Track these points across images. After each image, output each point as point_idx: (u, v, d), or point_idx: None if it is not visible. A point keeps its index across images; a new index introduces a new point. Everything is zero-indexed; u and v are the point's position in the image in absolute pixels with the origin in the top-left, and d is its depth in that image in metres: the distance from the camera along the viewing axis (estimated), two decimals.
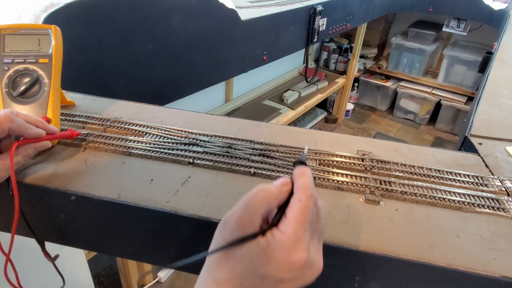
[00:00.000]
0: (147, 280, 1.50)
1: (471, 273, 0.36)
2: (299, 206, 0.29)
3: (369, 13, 2.20)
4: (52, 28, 0.50)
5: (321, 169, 0.48)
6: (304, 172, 0.31)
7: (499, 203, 0.45)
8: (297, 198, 0.29)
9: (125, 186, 0.43)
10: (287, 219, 0.28)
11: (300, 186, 0.30)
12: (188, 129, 0.55)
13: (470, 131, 0.63)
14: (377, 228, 0.40)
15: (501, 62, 1.03)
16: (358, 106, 3.16)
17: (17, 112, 0.41)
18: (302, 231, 0.28)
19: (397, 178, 0.48)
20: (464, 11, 2.29)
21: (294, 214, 0.28)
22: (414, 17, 2.89)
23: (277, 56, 1.53)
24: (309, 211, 0.29)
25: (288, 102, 2.20)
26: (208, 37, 1.13)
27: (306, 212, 0.28)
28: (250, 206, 0.29)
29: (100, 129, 0.54)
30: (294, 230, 0.27)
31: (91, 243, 0.48)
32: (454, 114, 2.75)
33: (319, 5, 1.61)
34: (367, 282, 0.39)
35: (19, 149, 0.42)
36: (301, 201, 0.29)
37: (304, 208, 0.29)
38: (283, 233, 0.27)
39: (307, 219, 0.28)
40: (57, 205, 0.44)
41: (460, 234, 0.40)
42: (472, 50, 2.60)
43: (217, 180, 0.46)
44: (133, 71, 0.96)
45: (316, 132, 0.59)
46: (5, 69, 0.48)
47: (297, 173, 0.31)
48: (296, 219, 0.28)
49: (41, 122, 0.44)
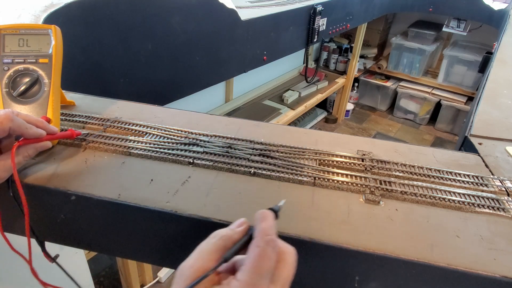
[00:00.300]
0: (147, 280, 1.50)
1: (471, 273, 0.36)
2: (256, 252, 0.28)
3: (369, 13, 2.20)
4: (52, 28, 0.50)
5: (321, 169, 0.48)
6: (265, 217, 0.31)
7: (499, 203, 0.45)
8: (255, 244, 0.29)
9: (125, 186, 0.43)
10: (244, 266, 0.28)
11: (259, 231, 0.30)
12: (188, 129, 0.55)
13: (470, 131, 0.63)
14: (377, 228, 0.40)
15: (501, 62, 1.03)
16: (358, 106, 3.16)
17: (18, 112, 0.41)
18: (257, 278, 0.27)
19: (397, 178, 0.48)
20: (464, 11, 2.29)
21: (251, 261, 0.28)
22: (414, 17, 2.89)
23: (277, 56, 1.53)
24: (267, 257, 0.28)
25: (288, 102, 2.20)
26: (208, 37, 1.13)
27: (264, 259, 0.28)
28: (203, 253, 0.28)
29: (100, 129, 0.53)
30: (249, 278, 0.27)
31: (91, 243, 0.48)
32: (454, 114, 2.75)
33: (319, 5, 1.61)
34: (367, 282, 0.39)
35: (19, 150, 0.42)
36: (259, 247, 0.28)
37: (261, 254, 0.28)
38: (238, 281, 0.27)
39: (264, 266, 0.28)
40: (57, 205, 0.44)
41: (460, 234, 0.40)
42: (472, 50, 2.60)
43: (217, 180, 0.46)
44: (133, 71, 0.96)
45: (316, 132, 0.59)
46: (5, 69, 0.48)
47: (258, 217, 0.31)
48: (252, 266, 0.27)
49: (41, 122, 0.44)
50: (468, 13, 2.28)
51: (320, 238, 0.38)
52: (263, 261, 0.28)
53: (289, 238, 0.38)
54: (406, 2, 2.47)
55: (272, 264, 0.28)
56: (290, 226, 0.39)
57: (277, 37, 1.45)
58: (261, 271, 0.27)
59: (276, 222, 0.32)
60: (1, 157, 0.41)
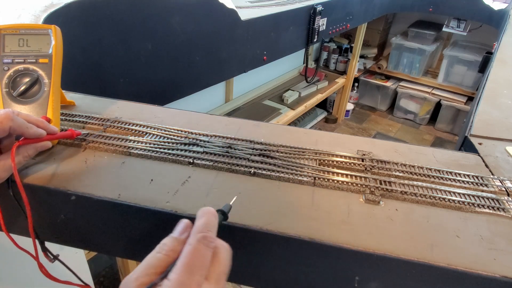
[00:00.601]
0: None
1: (471, 273, 0.36)
2: (187, 250, 0.28)
3: (369, 13, 2.20)
4: (52, 28, 0.50)
5: (321, 169, 0.48)
6: (204, 214, 0.31)
7: (499, 203, 0.45)
8: (187, 243, 0.29)
9: (125, 186, 0.43)
10: (175, 265, 0.28)
11: (194, 229, 0.30)
12: (188, 129, 0.55)
13: (470, 131, 0.63)
14: (377, 228, 0.40)
15: (501, 62, 1.03)
16: (358, 106, 3.16)
17: (18, 112, 0.41)
18: (187, 276, 0.27)
19: (397, 178, 0.48)
20: (464, 11, 2.29)
21: (181, 259, 0.28)
22: (414, 17, 2.89)
23: (277, 56, 1.53)
24: (199, 254, 0.28)
25: (288, 102, 2.20)
26: (208, 37, 1.13)
27: (195, 255, 0.28)
28: (148, 267, 0.28)
29: (100, 129, 0.53)
30: (178, 276, 0.27)
31: (91, 243, 0.48)
32: (454, 114, 2.75)
33: (319, 5, 1.61)
34: (367, 282, 0.39)
35: (19, 149, 0.42)
36: (190, 245, 0.28)
37: (192, 251, 0.28)
38: (170, 280, 0.27)
39: (195, 263, 0.28)
40: (57, 205, 0.44)
41: (460, 234, 0.40)
42: (472, 50, 2.60)
43: (217, 180, 0.46)
44: (133, 71, 0.96)
45: (316, 132, 0.59)
46: (5, 69, 0.48)
47: (198, 215, 0.31)
48: (182, 264, 0.27)
49: (41, 122, 0.44)
50: (468, 13, 2.28)
51: (320, 238, 0.38)
52: (194, 258, 0.28)
53: (289, 238, 0.38)
54: (406, 2, 2.47)
55: (205, 260, 0.28)
56: (290, 226, 0.39)
57: (277, 37, 1.45)
58: (192, 269, 0.27)
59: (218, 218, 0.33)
60: (1, 157, 0.41)
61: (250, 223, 0.39)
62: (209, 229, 0.30)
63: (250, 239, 0.40)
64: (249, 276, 0.44)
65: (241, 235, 0.40)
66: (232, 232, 0.39)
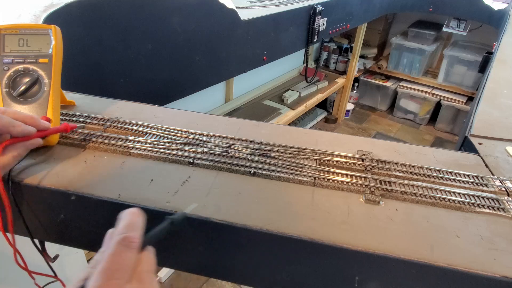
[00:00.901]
0: None
1: (471, 273, 0.36)
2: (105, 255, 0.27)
3: (369, 13, 2.20)
4: (52, 28, 0.50)
5: (321, 169, 0.48)
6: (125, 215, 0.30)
7: (499, 203, 0.45)
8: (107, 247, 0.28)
9: (125, 186, 0.43)
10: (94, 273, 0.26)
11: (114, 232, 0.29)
12: (188, 129, 0.55)
13: (470, 131, 0.63)
14: (377, 228, 0.40)
15: (501, 62, 1.03)
16: (358, 106, 3.16)
17: (5, 109, 0.40)
18: (103, 281, 0.26)
19: (397, 178, 0.48)
20: (464, 11, 2.29)
21: (100, 265, 0.27)
22: (414, 17, 2.89)
23: (277, 56, 1.53)
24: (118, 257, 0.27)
25: (288, 102, 2.20)
26: (208, 37, 1.13)
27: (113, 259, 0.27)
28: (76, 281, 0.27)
29: (100, 129, 0.53)
30: (96, 282, 0.26)
31: (91, 243, 0.47)
32: (454, 114, 2.75)
33: (319, 5, 1.61)
34: (367, 282, 0.39)
35: (7, 149, 0.40)
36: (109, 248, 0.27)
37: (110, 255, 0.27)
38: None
39: (114, 266, 0.27)
40: (57, 205, 0.44)
41: (460, 234, 0.40)
42: (472, 50, 2.60)
43: (217, 180, 0.46)
44: (133, 71, 0.96)
45: (316, 132, 0.59)
46: (5, 69, 0.48)
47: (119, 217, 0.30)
48: (99, 270, 0.26)
49: (30, 118, 0.42)
50: (468, 13, 2.28)
51: (320, 238, 0.38)
52: (112, 262, 0.27)
53: (289, 238, 0.38)
54: (406, 2, 2.47)
55: (126, 263, 0.27)
56: (290, 226, 0.39)
57: (277, 37, 1.45)
58: (110, 273, 0.26)
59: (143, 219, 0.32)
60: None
61: (250, 223, 0.39)
62: (131, 230, 0.29)
63: (250, 239, 0.40)
64: (249, 276, 0.44)
65: (241, 235, 0.40)
66: (232, 232, 0.40)
